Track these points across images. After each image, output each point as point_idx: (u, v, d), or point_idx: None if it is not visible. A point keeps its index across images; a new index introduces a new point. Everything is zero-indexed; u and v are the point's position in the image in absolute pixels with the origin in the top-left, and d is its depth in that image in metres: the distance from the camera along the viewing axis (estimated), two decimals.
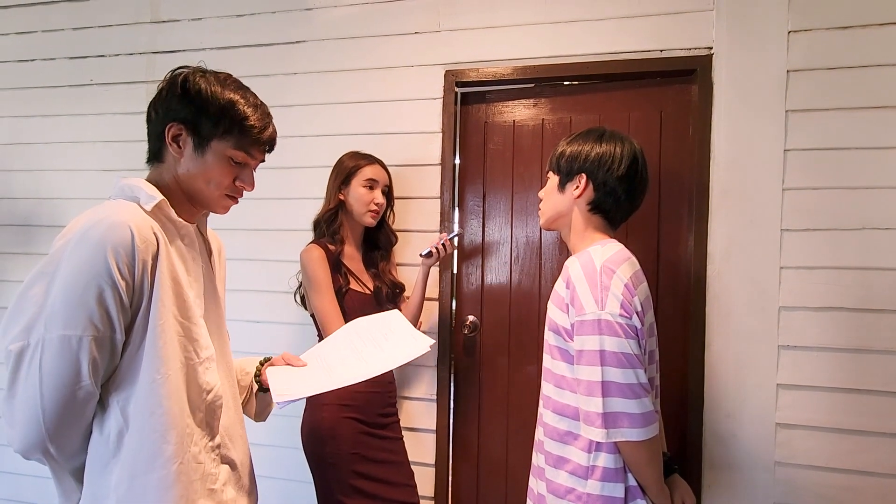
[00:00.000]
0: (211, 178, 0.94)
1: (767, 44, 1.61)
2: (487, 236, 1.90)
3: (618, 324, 1.00)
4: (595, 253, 1.09)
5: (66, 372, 0.79)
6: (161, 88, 0.93)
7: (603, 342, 0.99)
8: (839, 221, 1.56)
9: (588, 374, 1.01)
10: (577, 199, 1.19)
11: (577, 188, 1.18)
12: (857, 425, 1.54)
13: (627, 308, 1.01)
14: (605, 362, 0.99)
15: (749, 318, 1.61)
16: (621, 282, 1.03)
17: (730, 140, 1.63)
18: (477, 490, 1.89)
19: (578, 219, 1.21)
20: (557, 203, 1.23)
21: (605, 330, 1.00)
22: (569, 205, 1.21)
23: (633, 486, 1.05)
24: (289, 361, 1.12)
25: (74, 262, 0.79)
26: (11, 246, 2.22)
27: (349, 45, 1.92)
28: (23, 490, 2.19)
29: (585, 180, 1.17)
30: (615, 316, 1.00)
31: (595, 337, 1.00)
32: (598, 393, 0.99)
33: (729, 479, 1.62)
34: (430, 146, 1.85)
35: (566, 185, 1.20)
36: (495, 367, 1.87)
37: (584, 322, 1.02)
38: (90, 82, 2.15)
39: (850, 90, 1.56)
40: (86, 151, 2.16)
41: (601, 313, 1.00)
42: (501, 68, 1.81)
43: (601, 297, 1.01)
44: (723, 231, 1.64)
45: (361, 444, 1.52)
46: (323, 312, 1.53)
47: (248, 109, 0.93)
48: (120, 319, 0.82)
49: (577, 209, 1.20)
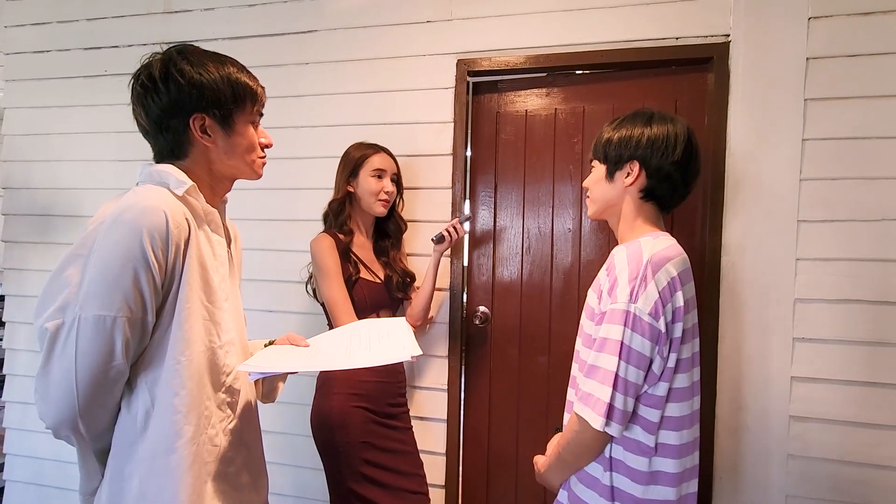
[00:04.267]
0: (245, 148, 0.98)
1: (786, 30, 1.58)
2: (499, 227, 1.89)
3: (646, 322, 0.97)
4: (646, 244, 1.03)
5: (100, 350, 0.81)
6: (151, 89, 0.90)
7: (625, 335, 0.97)
8: (857, 212, 1.53)
9: (607, 363, 0.98)
10: (628, 187, 1.13)
11: (628, 176, 1.12)
12: (872, 419, 1.52)
13: (659, 310, 0.98)
14: (626, 356, 0.97)
15: (763, 311, 1.59)
16: (665, 280, 1.00)
17: (746, 129, 1.61)
18: (487, 479, 1.91)
19: (630, 207, 1.14)
20: (606, 192, 1.16)
21: (632, 325, 0.97)
22: (619, 193, 1.15)
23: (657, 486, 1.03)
24: (293, 342, 1.14)
25: (110, 245, 0.81)
26: (30, 235, 2.26)
27: (361, 34, 1.91)
28: (44, 473, 2.24)
29: (638, 168, 1.11)
30: (643, 313, 0.97)
31: (620, 328, 0.98)
32: (610, 383, 0.97)
33: (741, 472, 1.62)
34: (441, 136, 1.84)
35: (615, 173, 1.14)
36: (506, 358, 1.87)
37: (614, 311, 0.99)
38: (105, 73, 2.17)
39: (872, 78, 1.52)
40: (101, 142, 2.18)
41: (632, 306, 0.97)
42: (514, 57, 1.79)
43: (637, 289, 0.98)
44: (738, 222, 1.61)
45: (370, 433, 1.53)
46: (332, 301, 1.54)
47: (243, 76, 0.96)
48: (152, 301, 0.84)
49: (628, 197, 1.14)
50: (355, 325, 1.31)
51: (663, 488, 1.02)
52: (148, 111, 0.92)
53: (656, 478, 1.02)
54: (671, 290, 1.00)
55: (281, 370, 1.02)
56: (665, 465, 1.02)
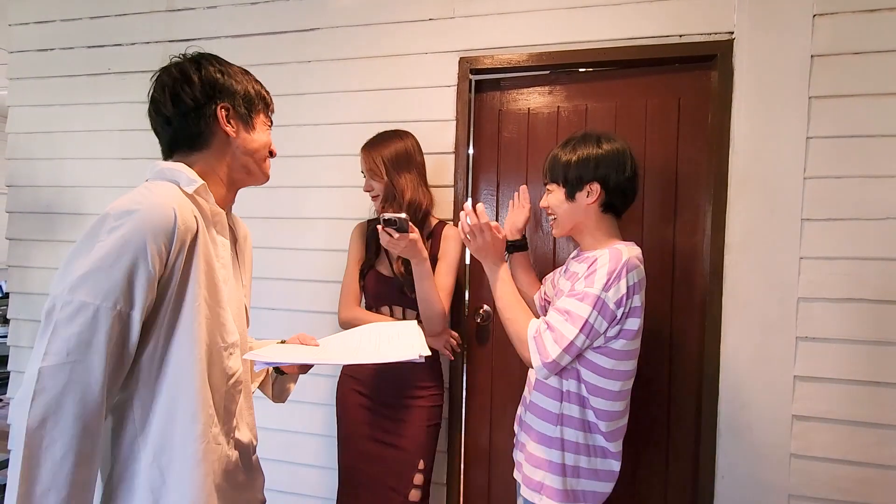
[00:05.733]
0: (260, 147, 1.02)
1: (791, 28, 1.57)
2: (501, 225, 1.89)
3: (611, 309, 1.15)
4: (624, 250, 1.19)
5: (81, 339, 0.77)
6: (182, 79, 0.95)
7: (593, 317, 1.14)
8: (862, 211, 1.52)
9: (568, 331, 1.15)
10: (590, 205, 1.27)
11: (588, 195, 1.26)
12: (876, 418, 1.52)
13: (622, 302, 1.15)
14: (585, 332, 1.15)
15: (766, 309, 1.59)
16: (633, 281, 1.16)
17: (750, 127, 1.60)
18: (489, 478, 1.91)
19: (593, 221, 1.29)
20: (572, 213, 1.29)
21: (600, 309, 1.14)
22: (583, 211, 1.28)
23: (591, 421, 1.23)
24: (303, 341, 1.14)
25: (113, 237, 0.80)
26: (34, 233, 2.27)
27: (363, 32, 1.91)
28: None
29: (599, 187, 1.25)
30: (610, 301, 1.14)
31: (590, 309, 1.14)
32: (563, 346, 1.15)
33: (743, 471, 1.61)
34: (444, 134, 1.84)
35: (576, 194, 1.27)
36: (508, 356, 1.87)
37: (587, 294, 1.15)
38: (108, 71, 2.18)
39: (876, 76, 1.51)
40: (105, 140, 2.19)
41: (604, 294, 1.14)
42: (516, 55, 1.79)
43: (611, 282, 1.14)
44: (741, 220, 1.61)
45: (361, 418, 1.59)
46: (342, 285, 1.64)
47: (258, 84, 1.04)
48: (144, 299, 0.82)
49: (591, 213, 1.28)
50: (369, 327, 1.34)
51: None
52: (177, 99, 0.94)
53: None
54: (635, 290, 1.17)
55: (286, 361, 1.06)
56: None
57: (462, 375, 1.88)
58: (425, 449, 1.59)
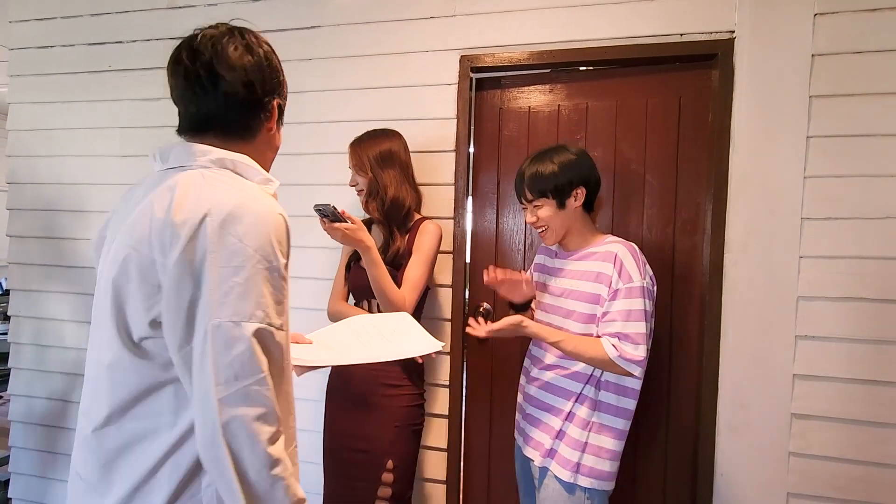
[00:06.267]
0: (278, 146, 0.96)
1: (792, 27, 1.57)
2: (501, 223, 1.89)
3: (653, 293, 1.35)
4: (625, 242, 1.37)
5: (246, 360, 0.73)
6: (259, 50, 0.88)
7: (648, 305, 1.30)
8: (862, 210, 1.52)
9: (637, 328, 1.28)
10: (577, 207, 1.41)
11: (575, 199, 1.39)
12: (874, 417, 1.52)
13: (654, 282, 1.37)
14: (648, 319, 1.30)
15: (766, 308, 1.59)
16: (645, 262, 1.36)
17: (751, 127, 1.60)
18: (489, 476, 1.91)
19: (580, 222, 1.43)
20: (565, 220, 1.42)
21: (647, 295, 1.30)
22: (572, 215, 1.41)
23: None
24: (295, 340, 1.14)
25: (246, 253, 0.73)
26: (35, 230, 2.27)
27: (364, 30, 1.91)
28: (48, 466, 2.26)
29: (583, 190, 1.39)
30: (650, 285, 1.33)
31: (643, 299, 1.29)
32: (643, 341, 1.29)
33: (742, 469, 1.62)
34: (444, 132, 1.84)
35: (566, 201, 1.39)
36: (508, 354, 1.87)
37: (632, 288, 1.30)
38: (108, 68, 2.18)
39: (877, 75, 1.51)
40: (105, 137, 2.19)
41: (644, 282, 1.31)
42: (517, 53, 1.79)
43: (642, 269, 1.32)
44: (741, 219, 1.61)
45: (335, 428, 1.61)
46: (334, 280, 1.74)
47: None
48: (285, 306, 0.79)
49: (577, 215, 1.42)
50: (354, 320, 1.39)
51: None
52: (249, 87, 0.85)
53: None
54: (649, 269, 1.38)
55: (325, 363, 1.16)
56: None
57: (462, 373, 1.88)
58: (395, 448, 1.52)
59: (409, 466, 1.56)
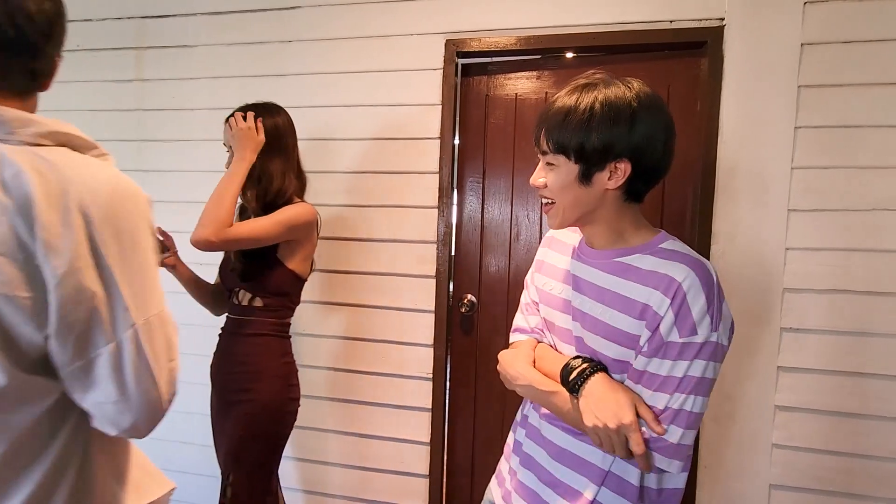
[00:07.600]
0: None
1: (782, 15, 1.54)
2: (487, 213, 1.86)
3: (725, 347, 0.82)
4: (695, 260, 0.83)
5: None
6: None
7: (708, 369, 0.80)
8: (849, 202, 1.51)
9: (688, 403, 0.81)
10: (611, 191, 0.87)
11: (610, 176, 0.85)
12: (857, 408, 1.52)
13: (732, 329, 0.84)
14: (703, 392, 0.81)
15: (752, 300, 1.58)
16: (723, 299, 0.83)
17: (739, 116, 1.58)
18: (472, 469, 1.89)
19: (609, 212, 0.90)
20: (581, 199, 0.88)
21: (716, 356, 0.81)
22: (598, 198, 0.88)
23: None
24: None
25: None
26: None
27: (346, 11, 1.84)
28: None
29: (627, 165, 0.85)
30: (724, 339, 0.82)
31: (703, 363, 0.80)
32: (694, 426, 0.82)
33: (726, 461, 1.61)
34: (428, 119, 1.79)
35: (593, 175, 0.86)
36: (493, 346, 1.84)
37: (691, 344, 0.80)
38: (77, 48, 2.07)
39: (866, 65, 1.50)
40: (72, 119, 2.05)
41: (714, 335, 0.80)
42: (504, 38, 1.74)
43: (716, 316, 0.80)
44: (728, 210, 1.59)
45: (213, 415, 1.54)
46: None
47: None
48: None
49: (607, 201, 0.89)
50: None
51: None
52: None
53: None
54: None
55: None
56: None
57: (445, 366, 1.85)
58: (235, 460, 1.40)
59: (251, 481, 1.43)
